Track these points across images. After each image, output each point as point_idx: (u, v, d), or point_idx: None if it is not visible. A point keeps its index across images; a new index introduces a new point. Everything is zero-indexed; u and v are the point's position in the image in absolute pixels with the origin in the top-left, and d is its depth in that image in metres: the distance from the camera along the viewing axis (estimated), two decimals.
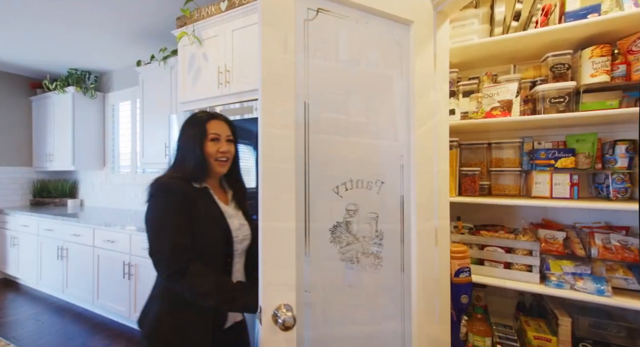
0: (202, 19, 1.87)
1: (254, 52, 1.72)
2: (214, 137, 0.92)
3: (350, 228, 0.87)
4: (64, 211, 3.19)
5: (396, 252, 0.95)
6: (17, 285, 3.35)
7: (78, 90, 3.36)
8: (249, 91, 1.75)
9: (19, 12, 2.27)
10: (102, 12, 2.26)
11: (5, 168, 3.60)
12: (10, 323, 2.52)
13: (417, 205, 0.96)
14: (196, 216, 0.86)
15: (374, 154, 0.94)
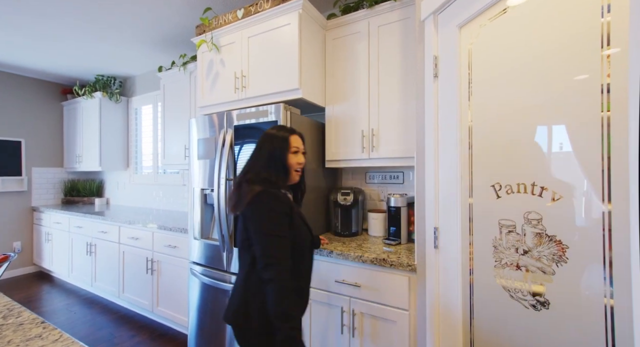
0: (220, 26, 1.95)
1: (268, 58, 1.78)
2: (295, 150, 1.06)
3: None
4: (91, 209, 3.39)
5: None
6: (51, 277, 3.59)
7: (104, 95, 3.56)
8: (264, 96, 1.81)
9: (55, 25, 2.44)
10: (126, 22, 2.40)
11: (40, 169, 3.87)
12: (47, 313, 2.71)
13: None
14: (294, 219, 0.99)
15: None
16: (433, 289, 1.15)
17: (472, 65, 1.03)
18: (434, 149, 1.15)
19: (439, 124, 1.14)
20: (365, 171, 2.10)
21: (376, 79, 1.71)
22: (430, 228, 1.16)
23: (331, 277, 1.52)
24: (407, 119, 1.62)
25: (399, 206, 1.66)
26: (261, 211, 0.94)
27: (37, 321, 0.77)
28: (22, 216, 3.73)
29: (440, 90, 1.13)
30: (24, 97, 3.73)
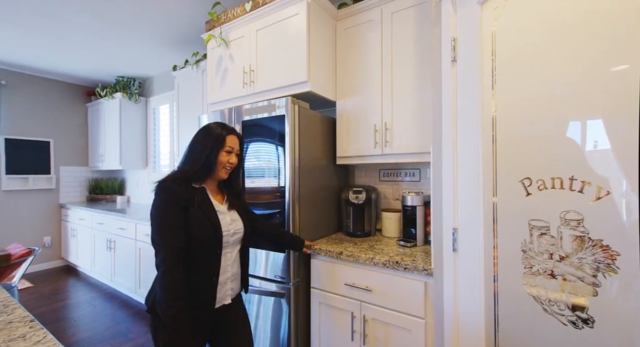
0: (229, 21, 1.91)
1: (277, 51, 1.72)
2: (229, 150, 1.10)
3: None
4: (113, 207, 3.49)
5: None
6: (76, 271, 3.75)
7: (124, 96, 3.66)
8: (272, 90, 1.75)
9: (74, 29, 2.52)
10: (142, 23, 2.43)
11: (67, 168, 4.05)
12: (72, 305, 2.82)
13: None
14: (191, 211, 1.01)
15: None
16: (451, 297, 1.04)
17: (497, 50, 0.91)
18: (452, 142, 1.04)
19: (458, 115, 1.03)
20: (378, 168, 2.00)
21: (389, 70, 1.60)
22: (448, 229, 1.05)
23: (340, 279, 1.43)
24: (422, 112, 1.51)
25: (414, 205, 1.55)
26: (155, 200, 1.00)
27: (26, 319, 0.75)
28: (51, 212, 3.92)
29: (459, 76, 1.02)
30: (52, 100, 3.92)
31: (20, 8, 2.23)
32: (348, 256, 1.39)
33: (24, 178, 3.69)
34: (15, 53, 3.13)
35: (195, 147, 1.08)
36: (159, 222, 0.97)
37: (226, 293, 1.11)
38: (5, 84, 3.55)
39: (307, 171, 1.62)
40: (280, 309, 1.52)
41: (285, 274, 1.51)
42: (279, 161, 1.54)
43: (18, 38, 2.76)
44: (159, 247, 0.95)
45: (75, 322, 2.48)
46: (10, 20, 2.42)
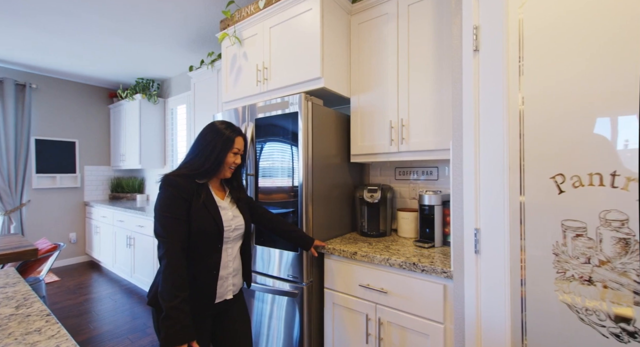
0: (242, 19, 1.91)
1: (290, 48, 1.70)
2: (236, 151, 1.13)
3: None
4: (133, 205, 3.60)
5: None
6: (99, 267, 3.90)
7: (143, 97, 3.76)
8: (285, 87, 1.73)
9: (102, 32, 2.61)
10: (159, 24, 2.48)
11: (91, 167, 4.22)
12: (94, 299, 2.93)
13: None
14: (194, 206, 1.03)
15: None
16: (473, 301, 0.98)
17: (524, 38, 0.85)
18: (474, 138, 0.98)
19: (480, 109, 0.97)
20: (394, 166, 1.94)
21: (406, 64, 1.55)
22: (469, 230, 0.99)
23: (355, 280, 1.39)
24: (441, 107, 1.44)
25: (432, 204, 1.48)
26: (160, 193, 1.02)
27: (43, 313, 0.76)
28: (76, 209, 4.10)
29: (482, 67, 0.96)
30: (77, 102, 4.10)
31: (47, 10, 2.33)
32: (363, 257, 1.35)
33: (52, 177, 3.87)
34: (44, 58, 3.29)
35: (205, 147, 1.09)
36: (163, 215, 0.99)
37: (227, 288, 1.13)
38: (36, 87, 3.74)
39: (321, 169, 1.59)
40: (294, 309, 1.50)
41: (298, 274, 1.49)
42: (292, 159, 1.51)
43: (47, 42, 2.89)
44: (162, 240, 0.97)
45: (97, 315, 2.56)
46: (41, 25, 2.53)
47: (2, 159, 3.43)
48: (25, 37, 2.76)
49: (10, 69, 3.57)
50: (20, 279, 0.99)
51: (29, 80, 3.68)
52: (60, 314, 2.59)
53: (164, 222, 0.98)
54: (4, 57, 3.27)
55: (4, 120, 3.46)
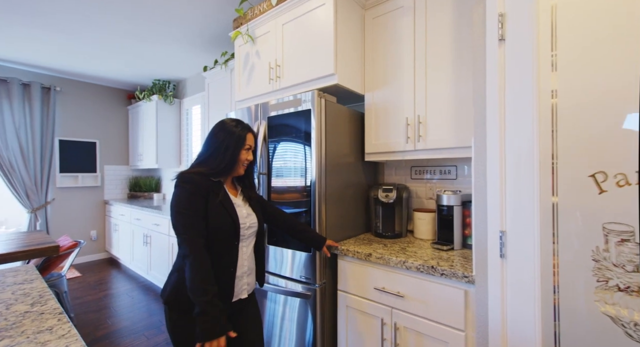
0: (255, 17, 1.90)
1: (303, 44, 1.67)
2: (248, 147, 1.13)
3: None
4: (150, 204, 3.68)
5: None
6: (118, 263, 4.02)
7: (160, 98, 3.84)
8: (298, 84, 1.70)
9: (120, 35, 2.67)
10: (174, 24, 2.51)
11: (111, 166, 4.35)
12: (113, 295, 3.01)
13: None
14: (210, 203, 1.03)
15: None
16: (498, 308, 0.92)
17: (557, 25, 0.78)
18: (499, 134, 0.91)
19: (506, 103, 0.90)
20: (410, 165, 1.87)
21: (423, 59, 1.48)
22: (494, 232, 0.93)
23: (369, 283, 1.35)
24: (460, 102, 1.37)
25: (451, 205, 1.42)
26: (176, 191, 1.01)
27: (56, 311, 0.76)
28: (97, 208, 4.24)
29: (508, 58, 0.89)
30: (98, 103, 4.23)
31: (68, 14, 2.40)
32: (378, 258, 1.30)
33: (74, 176, 4.01)
34: (67, 61, 3.41)
35: (218, 146, 1.08)
36: (183, 212, 0.98)
37: (242, 287, 1.12)
38: (60, 90, 3.89)
39: (334, 168, 1.55)
40: (306, 311, 1.47)
41: (310, 275, 1.45)
42: (305, 158, 1.48)
43: (68, 46, 2.99)
44: (184, 237, 0.96)
45: (115, 311, 2.63)
46: (63, 29, 2.62)
47: (29, 159, 3.58)
48: (49, 41, 2.87)
49: (37, 72, 3.73)
50: (38, 276, 1.01)
51: (54, 83, 3.83)
52: (81, 309, 2.67)
53: (183, 219, 0.97)
54: (31, 61, 3.41)
55: (31, 122, 3.61)
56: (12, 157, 3.48)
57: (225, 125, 1.11)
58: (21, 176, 3.53)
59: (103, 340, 2.16)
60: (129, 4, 2.21)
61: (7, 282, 0.96)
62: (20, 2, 2.18)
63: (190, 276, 0.93)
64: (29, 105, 3.60)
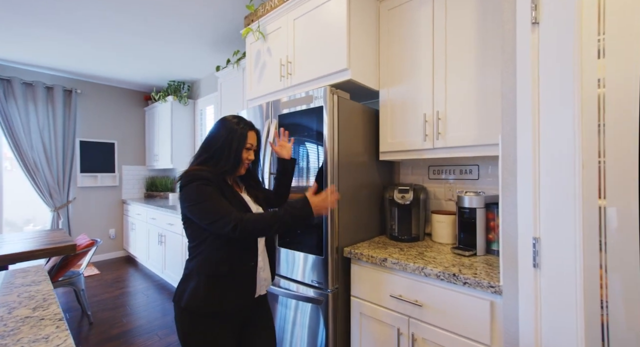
0: (266, 13, 1.86)
1: (315, 39, 1.60)
2: (250, 146, 1.08)
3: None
4: (166, 203, 3.73)
5: None
6: (135, 262, 4.10)
7: (175, 99, 3.89)
8: (310, 81, 1.64)
9: (136, 35, 2.71)
10: (187, 23, 2.51)
11: (128, 167, 4.45)
12: (129, 293, 3.06)
13: None
14: (227, 198, 0.98)
15: None
16: (530, 323, 0.82)
17: (605, 6, 0.68)
18: (532, 129, 0.82)
19: (541, 94, 0.80)
20: (428, 164, 1.77)
21: (443, 49, 1.39)
22: (525, 239, 0.83)
23: (385, 289, 1.27)
24: (485, 95, 1.27)
25: (473, 207, 1.32)
26: (187, 189, 0.95)
27: (57, 317, 0.73)
28: (115, 207, 4.34)
29: (544, 44, 0.79)
30: (116, 105, 4.34)
31: (87, 19, 2.44)
32: (394, 264, 1.22)
33: (93, 176, 4.13)
34: (88, 64, 3.51)
35: (221, 146, 1.03)
36: (206, 200, 0.92)
37: (262, 283, 1.09)
38: (80, 92, 4.01)
39: (347, 167, 1.48)
40: (318, 317, 1.41)
41: (322, 280, 1.39)
42: (318, 157, 1.42)
43: (91, 50, 3.07)
44: (220, 216, 0.90)
45: (130, 310, 2.66)
46: (85, 35, 2.68)
47: (52, 159, 3.71)
48: (72, 45, 2.95)
49: (59, 76, 3.86)
50: (45, 278, 1.00)
51: (75, 86, 3.95)
52: (98, 306, 2.72)
53: (210, 204, 0.92)
54: (54, 65, 3.53)
55: (54, 124, 3.74)
56: (37, 157, 3.61)
57: (227, 123, 1.07)
58: (45, 176, 3.66)
59: (117, 339, 2.18)
60: (143, 5, 2.22)
61: (15, 283, 0.95)
62: (46, 12, 2.23)
63: (257, 228, 0.91)
64: (52, 108, 3.73)
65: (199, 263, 0.99)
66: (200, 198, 0.93)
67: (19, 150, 3.49)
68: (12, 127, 3.46)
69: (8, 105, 3.44)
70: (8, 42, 2.90)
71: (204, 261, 0.99)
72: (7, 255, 1.88)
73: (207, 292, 0.96)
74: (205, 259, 0.99)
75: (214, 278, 0.98)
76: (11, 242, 2.20)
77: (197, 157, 1.06)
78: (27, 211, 3.84)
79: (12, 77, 3.46)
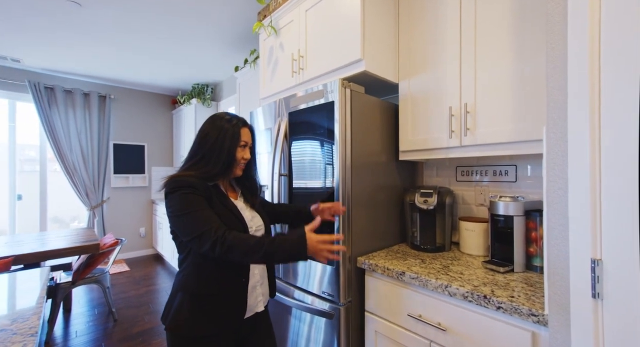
0: (279, 6, 1.77)
1: (327, 30, 1.49)
2: (244, 144, 0.99)
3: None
4: None
5: None
6: (163, 260, 4.24)
7: (199, 102, 3.97)
8: (322, 75, 1.53)
9: (163, 41, 2.78)
10: (208, 27, 2.51)
11: (157, 168, 4.63)
12: (154, 291, 3.14)
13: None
14: (214, 208, 0.90)
15: None
16: None
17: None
18: (590, 119, 0.64)
19: (602, 76, 0.62)
20: (455, 165, 1.58)
21: (472, 32, 1.21)
22: (580, 259, 0.65)
23: (402, 307, 1.11)
24: (523, 83, 1.07)
25: (510, 215, 1.12)
26: (172, 197, 0.87)
27: None
28: (145, 207, 4.53)
29: (607, 12, 0.61)
30: (146, 109, 4.54)
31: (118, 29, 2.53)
32: (412, 279, 1.07)
33: (125, 177, 4.34)
34: (120, 71, 3.69)
35: (211, 147, 0.94)
36: (188, 212, 0.84)
37: (257, 299, 1.01)
38: (114, 98, 4.23)
39: (362, 168, 1.34)
40: (332, 333, 1.28)
41: (334, 292, 1.27)
42: (329, 156, 1.30)
43: (123, 57, 3.21)
44: (199, 233, 0.81)
45: (153, 308, 2.72)
46: (114, 42, 2.80)
47: (88, 161, 3.95)
48: (106, 54, 3.10)
49: (95, 83, 4.10)
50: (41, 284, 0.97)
51: (109, 92, 4.18)
52: (123, 303, 2.81)
53: (191, 217, 0.83)
54: (90, 72, 3.75)
55: (90, 128, 3.98)
56: (75, 159, 3.85)
57: (216, 121, 0.97)
58: (82, 177, 3.90)
59: (137, 337, 2.21)
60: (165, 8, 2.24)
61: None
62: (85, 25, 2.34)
63: (237, 251, 0.80)
64: (88, 113, 3.97)
65: (184, 279, 0.92)
66: (181, 210, 0.85)
67: (60, 153, 3.75)
68: (54, 132, 3.72)
69: (51, 112, 3.71)
70: (53, 54, 3.13)
71: (189, 276, 0.91)
72: (38, 253, 1.97)
73: (190, 313, 0.88)
74: (190, 274, 0.91)
75: (198, 297, 0.89)
76: (48, 240, 2.33)
77: (187, 160, 0.98)
78: (73, 209, 4.12)
79: (55, 85, 3.72)
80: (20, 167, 3.77)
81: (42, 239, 2.36)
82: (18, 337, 0.65)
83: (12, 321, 0.73)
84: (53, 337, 2.25)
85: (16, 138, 3.70)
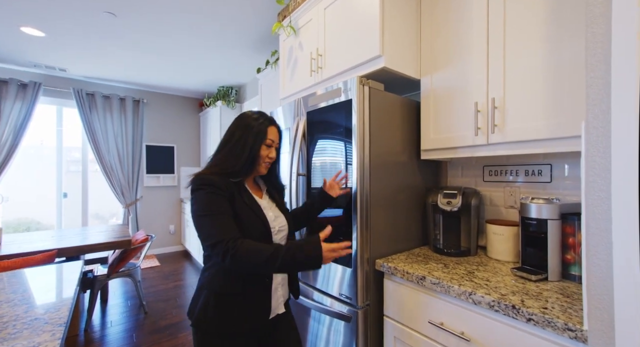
0: (298, 6, 1.78)
1: (346, 27, 1.46)
2: (270, 143, 1.00)
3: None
4: None
5: None
6: (190, 256, 4.42)
7: (224, 104, 4.09)
8: (341, 73, 1.50)
9: (189, 47, 2.91)
10: (230, 30, 2.57)
11: (185, 168, 4.84)
12: (181, 286, 3.28)
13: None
14: (236, 206, 0.91)
15: None
16: None
17: None
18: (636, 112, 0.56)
19: None
20: (482, 164, 1.49)
21: (501, 20, 1.12)
22: (627, 269, 0.57)
23: (423, 314, 1.06)
24: (558, 73, 0.98)
25: (543, 218, 1.03)
26: (195, 195, 0.89)
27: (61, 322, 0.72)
28: (174, 205, 4.76)
29: None
30: (175, 111, 4.76)
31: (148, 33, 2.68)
32: (433, 284, 1.01)
33: (156, 177, 4.58)
34: (152, 76, 3.91)
35: (235, 144, 0.96)
36: (208, 214, 0.85)
37: (279, 301, 1.02)
38: (147, 102, 4.49)
39: (381, 168, 1.30)
40: (350, 337, 1.26)
41: (351, 294, 1.24)
42: (347, 156, 1.28)
43: (156, 63, 3.40)
44: (213, 242, 0.82)
45: (180, 303, 2.84)
46: (145, 48, 2.97)
47: (124, 161, 4.21)
48: (138, 60, 3.30)
49: (129, 88, 4.37)
50: None
51: (142, 97, 4.44)
52: (153, 297, 2.97)
53: (210, 221, 0.84)
54: (126, 79, 4.01)
55: (125, 130, 4.24)
56: (112, 160, 4.13)
57: (244, 119, 1.00)
58: (118, 177, 4.17)
59: (164, 330, 2.32)
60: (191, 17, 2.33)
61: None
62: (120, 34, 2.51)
63: (250, 263, 0.80)
64: (124, 116, 4.24)
65: (209, 277, 0.93)
66: (201, 210, 0.86)
67: (99, 154, 4.04)
68: (94, 135, 4.01)
69: (92, 116, 4.00)
70: (93, 63, 3.38)
71: (214, 275, 0.92)
72: (77, 247, 2.13)
73: (215, 312, 0.89)
74: (215, 273, 0.92)
75: (223, 296, 0.90)
76: (87, 235, 2.51)
77: (213, 155, 1.00)
78: (111, 206, 4.43)
79: (95, 92, 4.01)
80: (66, 167, 4.11)
81: (83, 234, 2.55)
82: (49, 326, 0.70)
83: (46, 310, 0.79)
84: (91, 325, 2.42)
85: (63, 141, 4.03)
